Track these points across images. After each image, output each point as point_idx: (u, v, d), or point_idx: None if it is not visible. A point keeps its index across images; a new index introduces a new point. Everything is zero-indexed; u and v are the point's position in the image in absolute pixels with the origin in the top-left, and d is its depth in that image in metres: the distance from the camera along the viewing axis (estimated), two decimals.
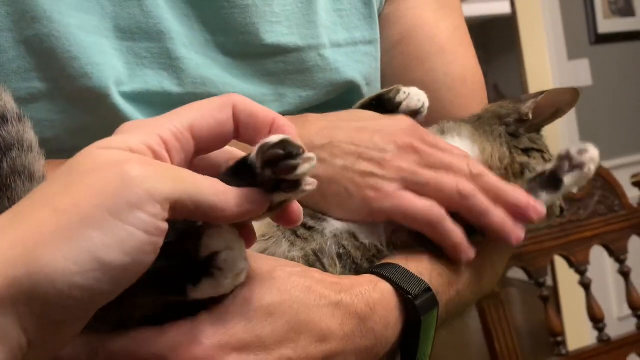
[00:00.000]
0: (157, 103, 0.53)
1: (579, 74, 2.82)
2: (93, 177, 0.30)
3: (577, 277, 1.20)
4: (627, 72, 2.93)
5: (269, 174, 0.33)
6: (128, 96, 0.52)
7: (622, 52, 2.92)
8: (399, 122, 0.51)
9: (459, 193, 0.47)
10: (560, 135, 2.78)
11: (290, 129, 0.35)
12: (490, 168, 0.52)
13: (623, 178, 1.30)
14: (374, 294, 0.43)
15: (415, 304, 0.44)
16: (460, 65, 0.67)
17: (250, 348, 0.36)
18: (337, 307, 0.40)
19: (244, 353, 0.36)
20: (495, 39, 6.73)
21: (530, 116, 0.57)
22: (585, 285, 1.20)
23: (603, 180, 1.25)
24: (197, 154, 0.35)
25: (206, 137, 0.34)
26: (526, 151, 0.56)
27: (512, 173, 0.51)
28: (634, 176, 1.29)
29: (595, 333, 1.18)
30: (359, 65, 0.62)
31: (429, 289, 0.46)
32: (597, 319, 1.19)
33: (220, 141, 0.36)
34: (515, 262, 1.13)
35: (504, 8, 3.90)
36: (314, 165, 0.33)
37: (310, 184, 0.34)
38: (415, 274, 0.46)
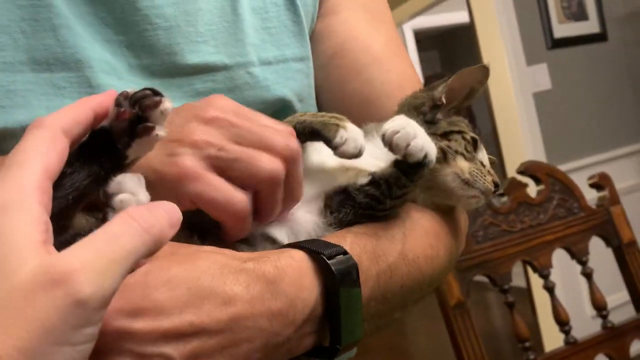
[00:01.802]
0: None
1: (538, 78, 2.88)
2: (30, 306, 0.27)
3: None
4: (584, 75, 3.00)
5: (136, 111, 0.37)
6: None
7: (578, 55, 2.99)
8: (212, 101, 0.47)
9: (271, 176, 0.44)
10: (522, 138, 2.82)
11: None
12: None
13: (581, 180, 1.32)
14: (283, 258, 0.42)
15: (326, 260, 0.42)
16: (397, 73, 0.67)
17: (147, 312, 0.36)
18: (242, 272, 0.39)
19: (141, 317, 0.35)
20: (456, 48, 6.84)
21: (444, 100, 0.57)
22: (549, 288, 1.21)
23: (561, 183, 1.27)
24: None
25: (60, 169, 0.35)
26: (445, 135, 0.56)
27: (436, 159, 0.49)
28: (590, 178, 1.31)
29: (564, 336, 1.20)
30: (290, 82, 0.62)
31: (345, 252, 0.44)
32: (562, 322, 1.20)
33: None
34: (478, 271, 1.14)
35: (463, 17, 3.97)
36: (171, 109, 0.38)
37: (163, 131, 0.38)
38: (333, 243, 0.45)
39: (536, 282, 2.80)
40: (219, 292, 0.38)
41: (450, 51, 7.03)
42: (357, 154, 0.47)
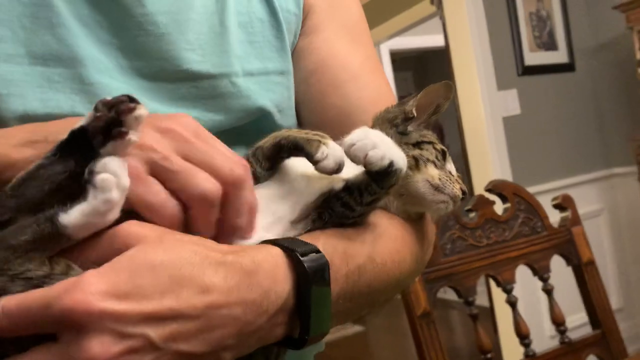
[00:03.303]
0: None
1: (508, 103, 2.97)
2: None
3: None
4: (551, 102, 3.10)
5: (112, 115, 0.40)
6: (41, 120, 0.53)
7: (547, 83, 3.10)
8: (177, 117, 0.48)
9: (202, 197, 0.45)
10: (491, 160, 2.90)
11: None
12: None
13: (545, 202, 1.38)
14: (260, 253, 0.45)
15: (299, 257, 0.45)
16: (372, 90, 0.72)
17: (130, 297, 0.38)
18: (221, 265, 0.42)
19: (125, 300, 0.38)
20: (430, 70, 6.98)
21: (415, 113, 0.61)
22: (512, 303, 1.26)
23: (526, 203, 1.32)
24: None
25: None
26: (417, 145, 0.59)
27: (408, 167, 0.52)
28: (554, 198, 1.37)
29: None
30: (270, 94, 0.66)
31: (317, 251, 0.47)
32: (523, 335, 1.25)
33: None
34: (445, 282, 1.18)
35: (438, 41, 4.07)
36: (146, 115, 0.41)
37: (136, 136, 0.41)
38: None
39: (498, 300, 2.87)
40: (198, 281, 0.41)
41: (424, 73, 7.16)
42: (337, 169, 0.49)
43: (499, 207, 1.30)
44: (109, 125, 0.41)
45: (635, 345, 3.02)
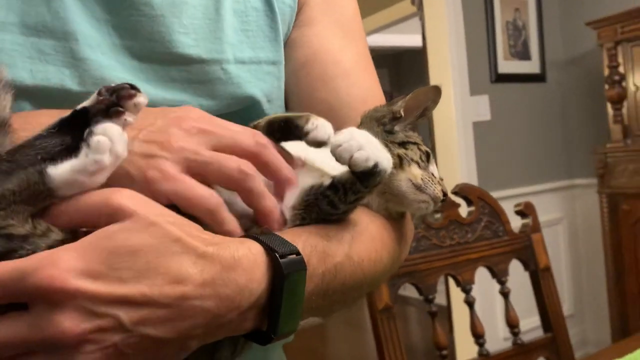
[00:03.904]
0: (56, 99, 0.54)
1: (479, 108, 3.03)
2: None
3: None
4: (521, 111, 3.18)
5: (113, 99, 0.42)
6: (29, 90, 0.53)
7: (518, 91, 3.17)
8: (188, 111, 0.52)
9: (240, 173, 0.48)
10: (458, 162, 2.96)
11: None
12: None
13: (509, 208, 1.43)
14: (241, 249, 0.45)
15: (278, 259, 0.46)
16: (362, 88, 0.72)
17: (105, 277, 0.39)
18: (201, 257, 0.43)
19: (100, 281, 0.39)
20: (405, 69, 7.04)
21: (402, 113, 0.62)
22: (470, 303, 1.30)
23: (490, 207, 1.37)
24: None
25: None
26: (403, 144, 0.60)
27: (392, 166, 0.53)
28: (517, 205, 1.42)
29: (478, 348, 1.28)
30: (260, 83, 0.66)
31: (297, 253, 0.48)
32: (478, 335, 1.29)
33: None
34: (407, 279, 1.21)
35: (416, 41, 4.11)
36: (146, 103, 0.43)
37: (132, 118, 0.43)
38: (289, 241, 0.48)
39: (456, 299, 2.93)
40: (174, 271, 0.41)
41: (399, 72, 7.22)
42: (327, 140, 0.51)
43: (463, 210, 1.34)
44: (109, 108, 0.42)
45: (582, 350, 3.13)
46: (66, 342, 0.38)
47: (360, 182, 0.51)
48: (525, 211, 1.40)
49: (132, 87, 0.43)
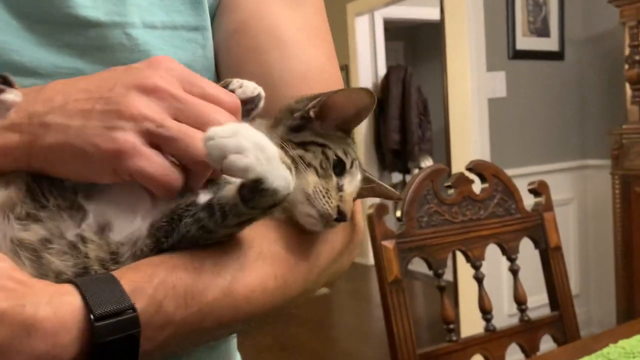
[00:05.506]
0: None
1: (495, 85, 3.00)
2: None
3: (473, 271, 1.31)
4: (538, 89, 3.14)
5: None
6: None
7: (535, 69, 3.13)
8: (157, 63, 0.46)
9: (204, 157, 0.43)
10: (472, 139, 2.95)
11: None
12: None
13: (520, 185, 1.42)
14: (50, 304, 0.38)
15: (94, 324, 0.38)
16: (303, 62, 0.62)
17: None
18: None
19: None
20: (421, 42, 6.96)
21: (313, 114, 0.53)
22: (479, 279, 1.31)
23: (504, 185, 1.37)
24: None
25: None
26: (303, 145, 0.53)
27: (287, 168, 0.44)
28: (530, 183, 1.41)
29: (484, 323, 1.30)
30: (177, 51, 0.58)
31: (132, 308, 0.40)
32: (485, 311, 1.30)
33: None
34: (418, 253, 1.22)
35: (433, 14, 4.06)
36: (14, 103, 0.42)
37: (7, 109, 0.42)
38: (129, 289, 0.41)
39: (463, 275, 2.95)
40: None
41: (415, 45, 7.15)
42: (256, 97, 0.50)
43: (477, 187, 1.34)
44: None
45: (586, 329, 3.15)
46: None
47: (243, 201, 0.42)
48: (538, 190, 1.40)
49: (5, 80, 0.41)
